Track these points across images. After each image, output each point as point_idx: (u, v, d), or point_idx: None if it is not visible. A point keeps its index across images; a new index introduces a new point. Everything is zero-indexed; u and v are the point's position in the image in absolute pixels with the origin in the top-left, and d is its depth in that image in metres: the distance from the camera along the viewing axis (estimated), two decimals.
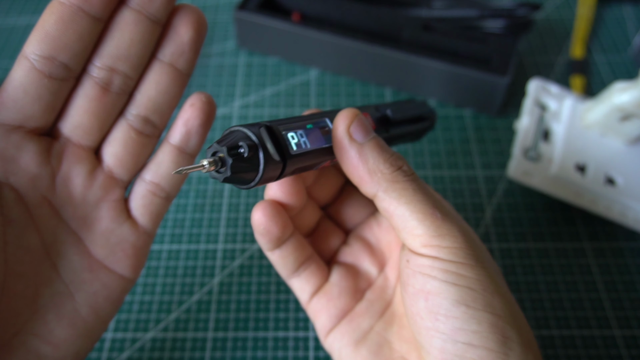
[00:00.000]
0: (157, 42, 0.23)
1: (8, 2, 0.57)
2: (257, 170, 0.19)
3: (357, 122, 0.22)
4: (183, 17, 0.23)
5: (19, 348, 0.21)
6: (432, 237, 0.20)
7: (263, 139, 0.19)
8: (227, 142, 0.19)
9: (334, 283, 0.26)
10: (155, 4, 0.22)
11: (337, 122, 0.22)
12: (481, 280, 0.20)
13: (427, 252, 0.20)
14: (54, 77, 0.21)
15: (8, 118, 0.21)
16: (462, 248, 0.20)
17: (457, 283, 0.20)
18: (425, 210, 0.21)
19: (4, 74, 0.50)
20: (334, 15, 0.49)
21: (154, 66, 0.24)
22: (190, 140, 0.25)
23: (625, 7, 0.55)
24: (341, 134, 0.22)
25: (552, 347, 0.34)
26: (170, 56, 0.24)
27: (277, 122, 0.21)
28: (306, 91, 0.48)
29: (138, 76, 0.24)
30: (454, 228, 0.21)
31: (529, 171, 0.38)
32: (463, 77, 0.44)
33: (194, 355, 0.34)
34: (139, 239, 0.25)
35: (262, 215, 0.23)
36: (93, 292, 0.24)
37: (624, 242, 0.38)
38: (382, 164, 0.22)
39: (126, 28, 0.22)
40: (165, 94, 0.24)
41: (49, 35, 0.21)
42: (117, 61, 0.22)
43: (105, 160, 0.24)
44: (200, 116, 0.24)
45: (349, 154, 0.22)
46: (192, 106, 0.24)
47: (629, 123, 0.37)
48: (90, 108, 0.23)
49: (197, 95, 0.25)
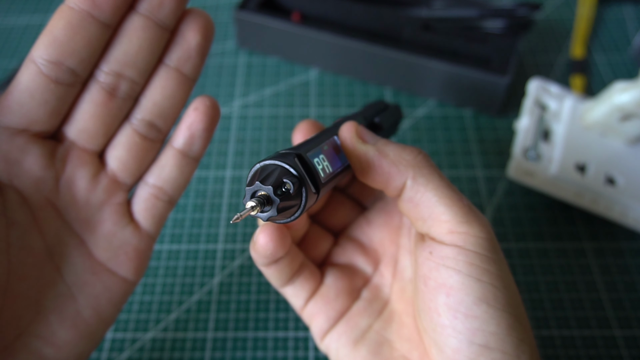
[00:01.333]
0: (165, 47, 0.23)
1: (7, 2, 0.57)
2: (299, 206, 0.19)
3: (361, 128, 0.23)
4: (191, 22, 0.23)
5: (22, 350, 0.21)
6: (459, 224, 0.20)
7: (303, 173, 0.19)
8: (271, 180, 0.18)
9: (329, 285, 0.26)
10: (164, 10, 0.22)
11: (343, 135, 0.23)
12: (502, 276, 0.20)
13: (453, 239, 0.20)
14: (60, 82, 0.21)
15: (13, 121, 0.21)
16: (488, 239, 0.20)
17: (482, 279, 0.19)
18: (453, 195, 0.21)
19: (3, 74, 0.50)
20: (334, 15, 0.49)
21: (160, 71, 0.24)
22: (194, 144, 0.25)
23: (625, 7, 0.55)
24: (354, 143, 0.22)
25: (552, 347, 0.34)
26: (177, 61, 0.23)
27: (303, 149, 0.20)
28: (306, 91, 0.48)
29: (144, 81, 0.23)
30: (481, 215, 0.21)
31: (529, 171, 0.38)
32: (463, 77, 0.44)
33: (194, 355, 0.34)
34: (142, 242, 0.25)
35: (269, 240, 0.22)
36: (95, 294, 0.24)
37: (624, 242, 0.38)
38: (403, 151, 0.22)
39: (134, 34, 0.22)
40: (170, 98, 0.24)
41: (57, 40, 0.21)
42: (124, 67, 0.22)
43: (109, 163, 0.24)
44: (204, 120, 0.24)
45: (368, 155, 0.22)
46: (196, 110, 0.24)
47: (629, 123, 0.37)
48: (96, 113, 0.23)
49: (201, 99, 0.24)
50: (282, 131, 0.45)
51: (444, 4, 0.48)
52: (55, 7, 0.56)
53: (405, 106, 0.47)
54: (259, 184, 0.18)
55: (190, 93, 0.24)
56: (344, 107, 0.47)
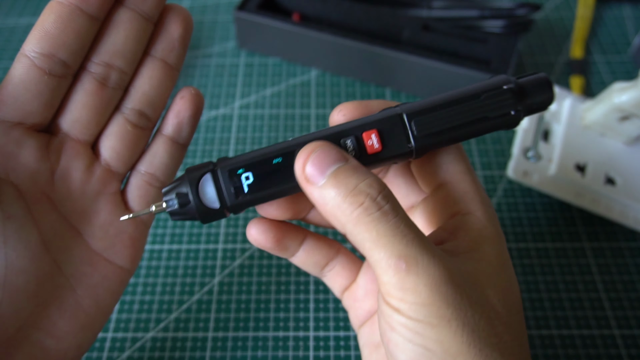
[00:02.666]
0: (150, 40, 0.25)
1: (9, 3, 0.57)
2: (195, 216, 0.21)
3: (313, 161, 0.20)
4: (172, 16, 0.25)
5: (24, 342, 0.22)
6: (395, 290, 0.19)
7: (192, 193, 0.21)
8: (170, 190, 0.22)
9: (360, 285, 0.26)
10: (148, 3, 0.23)
11: (295, 162, 0.20)
12: (442, 340, 0.18)
13: (391, 302, 0.19)
14: (53, 74, 0.22)
15: (8, 115, 0.22)
16: (425, 305, 0.18)
17: (413, 341, 0.18)
18: (389, 259, 0.18)
19: (3, 74, 0.50)
20: (334, 15, 0.49)
21: (147, 62, 0.25)
22: (182, 131, 0.26)
23: (624, 8, 0.55)
24: (298, 177, 0.20)
25: (552, 347, 0.34)
26: (162, 52, 0.25)
27: (232, 162, 0.21)
28: (306, 91, 0.48)
29: (132, 71, 0.25)
30: (419, 281, 0.18)
31: (529, 171, 0.38)
32: (463, 77, 0.44)
33: (194, 355, 0.34)
34: (137, 230, 0.26)
35: (255, 233, 0.24)
36: (93, 284, 0.24)
37: (624, 242, 0.38)
38: (342, 203, 0.19)
39: (122, 25, 0.23)
40: (158, 88, 0.25)
41: (49, 33, 0.21)
42: (113, 57, 0.23)
43: (103, 153, 0.24)
44: (190, 107, 0.26)
45: (309, 197, 0.20)
46: (183, 98, 0.26)
47: (628, 123, 0.37)
48: (89, 102, 0.23)
49: (187, 88, 0.26)
50: (283, 131, 0.45)
51: (444, 4, 0.48)
52: None
53: None
54: (170, 187, 0.21)
55: (175, 82, 0.26)
56: None
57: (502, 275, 0.20)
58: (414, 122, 0.21)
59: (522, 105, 0.22)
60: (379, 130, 0.21)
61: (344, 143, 0.21)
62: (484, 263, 0.20)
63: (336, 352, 0.33)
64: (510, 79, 0.22)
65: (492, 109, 0.21)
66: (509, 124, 0.22)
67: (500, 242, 0.21)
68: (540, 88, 0.22)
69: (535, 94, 0.22)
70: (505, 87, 0.21)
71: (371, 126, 0.21)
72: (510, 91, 0.21)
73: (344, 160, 0.20)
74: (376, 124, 0.21)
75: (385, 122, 0.21)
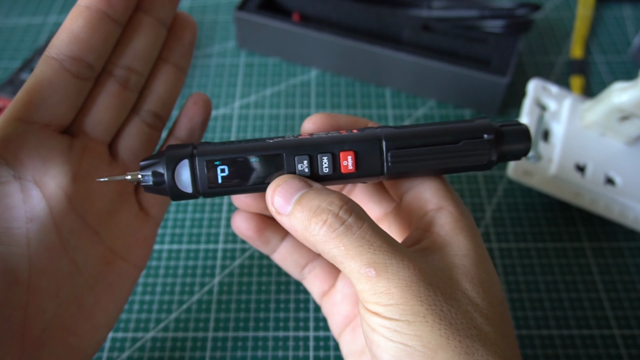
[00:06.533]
0: (163, 45, 0.26)
1: (9, 3, 0.57)
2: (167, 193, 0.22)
3: (279, 193, 0.21)
4: (183, 22, 0.26)
5: (49, 342, 0.22)
6: (370, 295, 0.20)
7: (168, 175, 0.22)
8: (149, 165, 0.22)
9: (338, 289, 0.27)
10: (165, 10, 0.25)
11: (265, 197, 0.22)
12: (420, 336, 0.19)
13: (369, 307, 0.20)
14: (80, 77, 0.23)
15: (37, 116, 0.22)
16: (399, 304, 0.19)
17: (393, 339, 0.19)
18: (359, 270, 0.20)
19: (4, 74, 0.50)
20: (334, 15, 0.49)
21: (161, 66, 0.26)
22: (194, 135, 0.27)
23: (625, 7, 0.55)
24: (270, 211, 0.22)
25: (552, 346, 0.34)
26: (175, 56, 0.26)
27: (214, 152, 0.22)
28: (306, 91, 0.48)
29: (148, 74, 0.26)
30: (390, 284, 0.19)
31: (529, 171, 0.38)
32: (463, 77, 0.44)
33: (194, 355, 0.34)
34: (150, 229, 0.27)
35: (238, 219, 0.26)
36: (110, 282, 0.25)
37: (624, 242, 0.38)
38: (309, 225, 0.20)
39: (142, 30, 0.24)
40: (170, 91, 0.26)
41: (78, 37, 0.22)
42: (134, 61, 0.24)
43: (120, 154, 0.25)
44: (202, 113, 0.27)
45: (284, 227, 0.22)
46: (196, 104, 0.27)
47: (628, 123, 0.37)
48: (111, 105, 0.24)
49: (198, 95, 0.27)
50: (283, 131, 0.45)
51: (444, 4, 0.48)
52: (56, 9, 0.56)
53: (405, 107, 0.47)
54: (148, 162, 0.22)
55: (183, 85, 0.27)
56: (344, 108, 0.47)
57: (480, 267, 0.21)
58: (390, 154, 0.22)
59: (498, 154, 0.22)
60: (356, 152, 0.22)
61: (320, 159, 0.22)
62: (460, 257, 0.21)
63: (336, 352, 0.33)
64: (492, 125, 0.22)
65: (468, 155, 0.22)
66: (481, 169, 0.23)
67: (475, 233, 0.22)
68: (519, 140, 0.23)
69: (513, 144, 0.23)
70: (485, 137, 0.22)
71: (350, 146, 0.22)
72: (489, 142, 0.22)
73: (307, 187, 0.21)
74: (355, 145, 0.22)
75: (364, 145, 0.22)
